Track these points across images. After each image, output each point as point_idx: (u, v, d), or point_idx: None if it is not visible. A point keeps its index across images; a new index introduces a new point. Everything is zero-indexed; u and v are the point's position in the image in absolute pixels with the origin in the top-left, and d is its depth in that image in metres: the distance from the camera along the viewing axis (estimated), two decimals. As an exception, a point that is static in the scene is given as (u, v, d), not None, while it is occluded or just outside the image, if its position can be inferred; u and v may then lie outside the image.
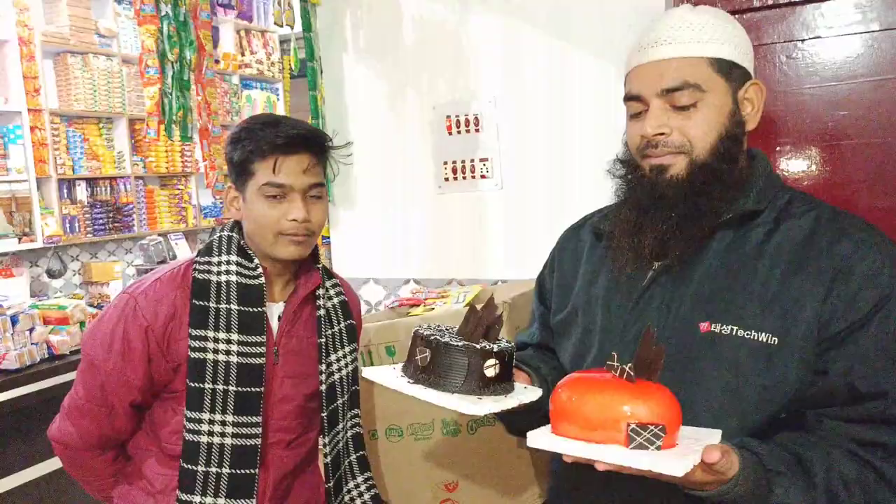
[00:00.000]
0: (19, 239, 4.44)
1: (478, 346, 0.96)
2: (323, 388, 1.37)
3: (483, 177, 2.27)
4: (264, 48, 6.06)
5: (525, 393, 1.01)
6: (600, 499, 1.08)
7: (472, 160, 2.27)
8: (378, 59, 2.40)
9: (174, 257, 4.68)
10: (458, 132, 2.28)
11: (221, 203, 5.73)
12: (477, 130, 2.25)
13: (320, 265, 1.40)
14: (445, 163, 2.31)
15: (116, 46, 4.95)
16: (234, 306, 1.27)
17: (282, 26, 2.24)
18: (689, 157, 1.05)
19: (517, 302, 1.67)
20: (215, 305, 1.26)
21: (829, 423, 0.97)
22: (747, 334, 0.99)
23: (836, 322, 0.97)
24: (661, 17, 1.11)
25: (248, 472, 1.27)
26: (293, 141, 1.25)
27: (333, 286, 1.45)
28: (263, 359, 1.28)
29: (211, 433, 1.24)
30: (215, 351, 1.24)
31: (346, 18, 2.42)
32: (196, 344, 1.24)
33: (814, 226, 1.03)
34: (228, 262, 1.29)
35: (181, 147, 5.34)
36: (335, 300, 1.43)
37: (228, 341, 1.25)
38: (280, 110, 3.31)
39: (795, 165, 1.94)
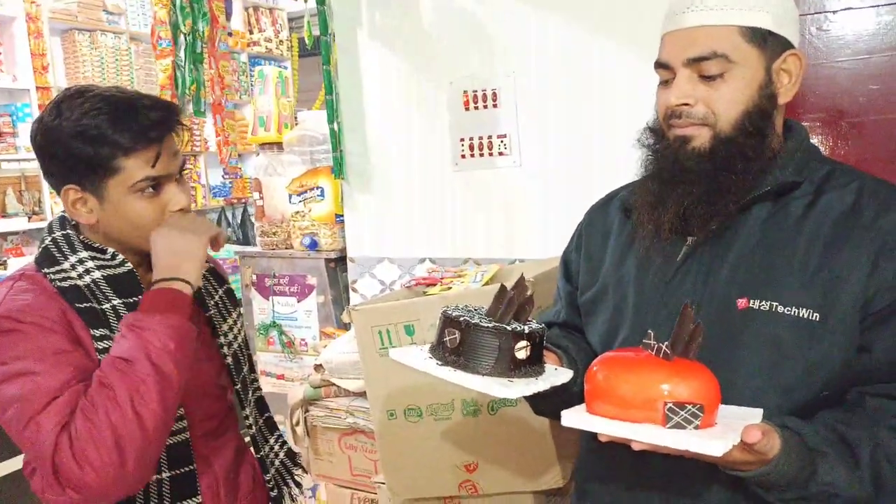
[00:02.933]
0: (29, 218, 4.45)
1: (508, 328, 0.94)
2: (229, 360, 1.29)
3: (501, 154, 2.22)
4: (273, 26, 6.00)
5: (556, 375, 0.98)
6: (634, 479, 1.05)
7: (490, 137, 2.22)
8: (394, 34, 2.34)
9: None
10: (476, 108, 2.23)
11: (230, 183, 5.69)
12: (495, 106, 2.20)
13: None
14: (462, 139, 2.27)
15: (124, 23, 4.91)
16: (116, 301, 1.13)
17: (296, 0, 2.19)
18: (712, 129, 1.01)
19: (538, 281, 1.64)
20: (99, 307, 1.12)
21: (873, 400, 0.94)
22: (787, 310, 0.96)
23: (881, 298, 0.94)
24: None
25: (186, 469, 1.19)
26: (163, 126, 1.11)
27: None
28: None
29: None
30: None
31: (361, -9, 2.36)
32: (102, 345, 1.10)
33: (856, 198, 0.99)
34: (82, 262, 1.14)
35: (189, 125, 5.31)
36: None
37: None
38: (291, 86, 3.28)
39: (825, 141, 1.88)
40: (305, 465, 1.84)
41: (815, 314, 0.95)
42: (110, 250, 1.16)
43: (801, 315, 0.95)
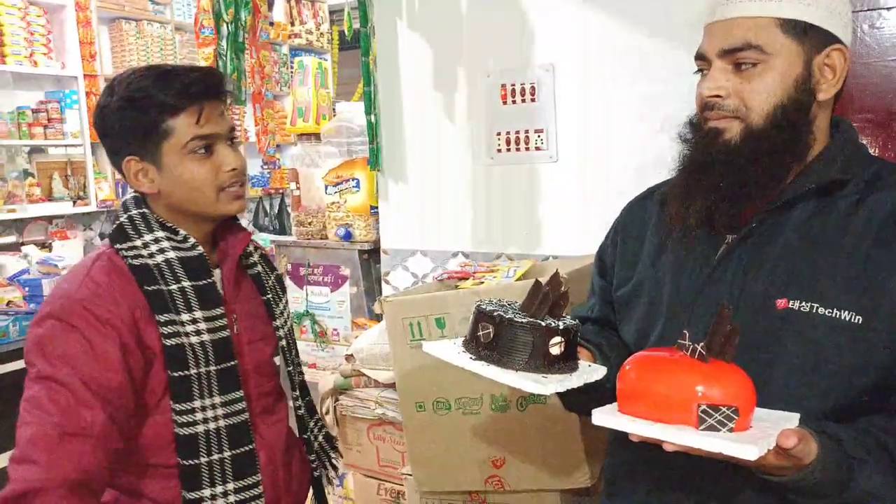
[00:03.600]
0: (74, 202, 4.56)
1: (543, 324, 0.93)
2: (283, 343, 1.36)
3: (538, 149, 2.20)
4: (314, 18, 6.04)
5: (590, 371, 0.97)
6: (664, 479, 1.04)
7: (527, 131, 2.21)
8: (433, 27, 2.34)
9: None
10: (514, 102, 2.21)
11: (269, 173, 5.76)
12: (533, 100, 2.18)
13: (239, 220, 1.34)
14: (499, 133, 2.25)
15: (170, 13, 4.99)
16: (185, 283, 1.17)
17: (336, -10, 2.20)
18: (744, 122, 0.99)
19: (572, 278, 1.62)
20: (167, 288, 1.16)
21: None
22: (828, 312, 0.94)
23: None
24: None
25: (246, 449, 1.23)
26: (204, 85, 1.17)
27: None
28: (228, 331, 1.22)
29: (206, 420, 1.18)
30: (186, 334, 1.16)
31: (401, -17, 2.36)
32: (167, 330, 1.15)
33: None
34: (157, 241, 1.18)
35: (230, 116, 5.37)
36: (256, 255, 1.38)
37: (194, 321, 1.17)
38: (330, 78, 3.31)
39: (875, 142, 1.82)
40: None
41: (857, 317, 0.92)
42: (182, 232, 1.21)
43: (842, 317, 0.93)
